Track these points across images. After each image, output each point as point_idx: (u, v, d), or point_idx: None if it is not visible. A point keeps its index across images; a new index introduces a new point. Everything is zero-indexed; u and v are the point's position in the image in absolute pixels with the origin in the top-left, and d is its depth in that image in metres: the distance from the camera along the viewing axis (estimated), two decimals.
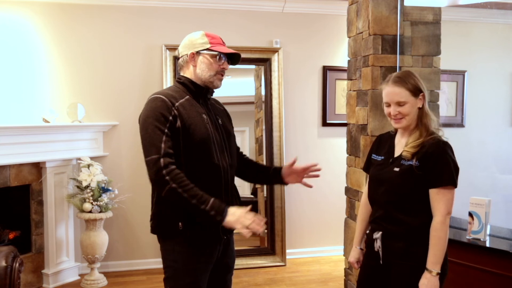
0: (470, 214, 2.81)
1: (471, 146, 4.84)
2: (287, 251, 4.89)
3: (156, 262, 4.67)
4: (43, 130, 4.10)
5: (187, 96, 2.11)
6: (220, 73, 2.16)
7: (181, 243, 2.05)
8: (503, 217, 3.27)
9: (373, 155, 2.29)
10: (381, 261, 2.13)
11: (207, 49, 2.13)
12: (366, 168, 2.38)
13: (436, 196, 2.01)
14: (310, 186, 2.37)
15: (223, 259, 2.15)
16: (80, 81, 4.52)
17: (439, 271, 2.00)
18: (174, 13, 4.69)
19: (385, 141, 2.27)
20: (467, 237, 2.79)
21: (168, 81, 4.62)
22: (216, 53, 2.13)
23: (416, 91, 2.08)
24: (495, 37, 5.08)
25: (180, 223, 2.03)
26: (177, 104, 2.04)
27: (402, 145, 2.15)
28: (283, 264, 4.80)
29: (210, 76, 2.13)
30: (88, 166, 4.19)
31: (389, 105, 2.12)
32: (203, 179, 2.04)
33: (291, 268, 4.74)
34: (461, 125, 5.22)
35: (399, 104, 2.09)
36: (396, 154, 2.16)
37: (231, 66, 2.23)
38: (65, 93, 4.49)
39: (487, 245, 2.69)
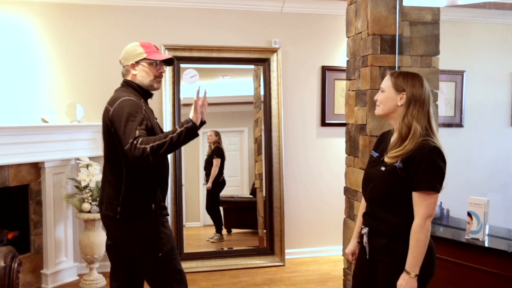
0: (469, 214, 2.81)
1: (470, 146, 4.85)
2: (286, 251, 4.89)
3: None
4: (41, 130, 4.09)
5: (142, 99, 2.47)
6: (158, 77, 2.52)
7: (155, 221, 2.44)
8: (502, 217, 3.27)
9: (372, 151, 2.32)
10: (367, 256, 2.20)
11: (144, 59, 2.48)
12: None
13: (417, 199, 2.02)
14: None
15: None
16: (79, 81, 4.52)
17: (417, 273, 2.00)
18: (173, 13, 4.69)
19: (384, 139, 2.29)
20: (466, 237, 2.79)
21: (167, 81, 4.62)
22: (152, 61, 2.48)
23: (398, 87, 2.12)
24: (493, 37, 5.09)
25: (152, 205, 2.42)
26: (144, 107, 2.41)
27: None
28: (282, 264, 4.80)
29: (150, 81, 2.50)
30: (87, 166, 4.18)
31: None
32: (162, 170, 2.51)
33: (290, 268, 4.74)
34: (459, 125, 5.22)
35: (381, 90, 2.19)
36: None
37: (227, 66, 2.37)
38: (64, 93, 4.48)
39: (486, 245, 2.69)
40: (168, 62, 2.57)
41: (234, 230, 5.23)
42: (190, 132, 2.24)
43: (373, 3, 3.33)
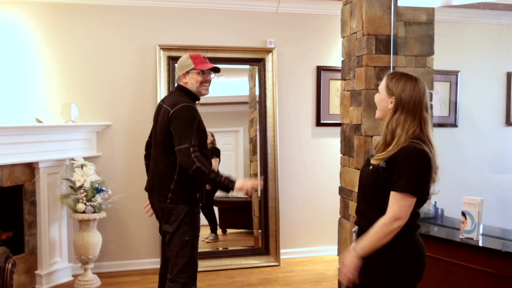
0: (463, 214, 2.82)
1: (464, 146, 4.87)
2: (281, 251, 4.89)
3: (150, 262, 4.67)
4: (36, 130, 4.07)
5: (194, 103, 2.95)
6: (204, 83, 2.96)
7: (194, 208, 2.92)
8: (496, 217, 3.29)
9: (374, 149, 2.29)
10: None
11: (192, 69, 2.92)
12: None
13: (392, 199, 1.97)
14: None
15: None
16: (73, 81, 4.51)
17: (362, 254, 2.02)
18: (168, 13, 4.68)
19: None
20: (460, 236, 2.80)
21: (162, 81, 4.61)
22: (199, 70, 2.93)
23: (389, 90, 2.06)
24: (487, 37, 5.11)
25: (198, 194, 2.92)
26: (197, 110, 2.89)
27: None
28: (277, 264, 4.80)
29: (197, 87, 2.95)
30: (82, 166, 4.17)
31: None
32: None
33: (285, 268, 4.75)
34: (454, 125, 5.24)
35: (378, 91, 2.15)
36: None
37: (222, 66, 3.15)
38: (59, 93, 4.47)
39: (480, 244, 2.70)
40: (215, 70, 2.99)
41: (229, 230, 5.22)
42: (225, 188, 2.80)
43: (368, 3, 3.34)
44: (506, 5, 4.39)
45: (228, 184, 2.77)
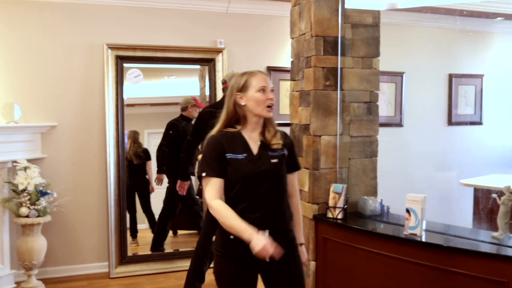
0: (407, 210, 2.90)
1: (409, 145, 5.04)
2: None
3: (97, 267, 4.56)
4: None
5: None
6: None
7: None
8: (438, 213, 3.41)
9: (228, 154, 2.14)
10: (267, 259, 1.97)
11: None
12: (219, 171, 2.13)
13: (295, 178, 2.39)
14: None
15: None
16: (16, 80, 4.33)
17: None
18: (117, 12, 4.58)
19: (232, 140, 2.18)
20: (405, 232, 2.88)
21: (110, 81, 4.50)
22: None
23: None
24: (430, 40, 5.30)
25: None
26: None
27: (255, 141, 2.22)
28: None
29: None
30: (25, 168, 4.01)
31: (264, 90, 2.22)
32: None
33: None
34: (399, 124, 5.42)
35: (272, 90, 2.25)
36: (253, 149, 2.19)
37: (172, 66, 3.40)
38: (0, 92, 4.28)
39: (423, 239, 2.79)
40: None
41: (180, 232, 5.18)
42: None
43: (316, 5, 3.39)
44: (447, 9, 4.57)
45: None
